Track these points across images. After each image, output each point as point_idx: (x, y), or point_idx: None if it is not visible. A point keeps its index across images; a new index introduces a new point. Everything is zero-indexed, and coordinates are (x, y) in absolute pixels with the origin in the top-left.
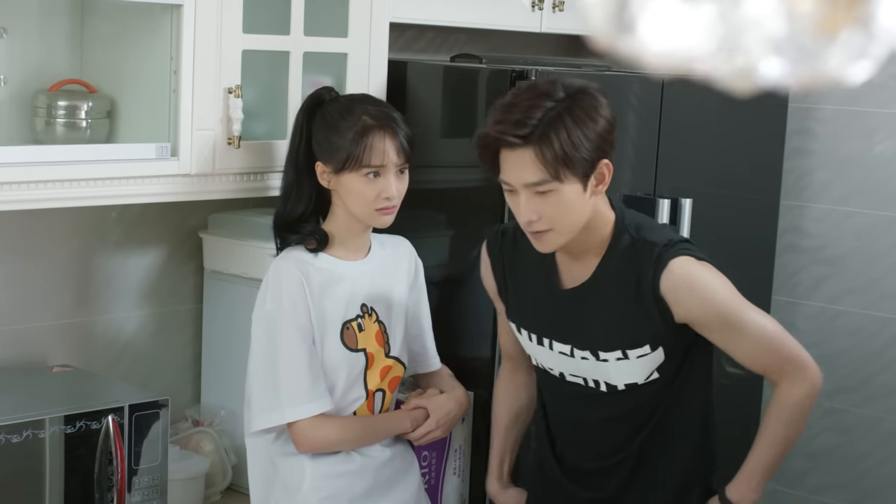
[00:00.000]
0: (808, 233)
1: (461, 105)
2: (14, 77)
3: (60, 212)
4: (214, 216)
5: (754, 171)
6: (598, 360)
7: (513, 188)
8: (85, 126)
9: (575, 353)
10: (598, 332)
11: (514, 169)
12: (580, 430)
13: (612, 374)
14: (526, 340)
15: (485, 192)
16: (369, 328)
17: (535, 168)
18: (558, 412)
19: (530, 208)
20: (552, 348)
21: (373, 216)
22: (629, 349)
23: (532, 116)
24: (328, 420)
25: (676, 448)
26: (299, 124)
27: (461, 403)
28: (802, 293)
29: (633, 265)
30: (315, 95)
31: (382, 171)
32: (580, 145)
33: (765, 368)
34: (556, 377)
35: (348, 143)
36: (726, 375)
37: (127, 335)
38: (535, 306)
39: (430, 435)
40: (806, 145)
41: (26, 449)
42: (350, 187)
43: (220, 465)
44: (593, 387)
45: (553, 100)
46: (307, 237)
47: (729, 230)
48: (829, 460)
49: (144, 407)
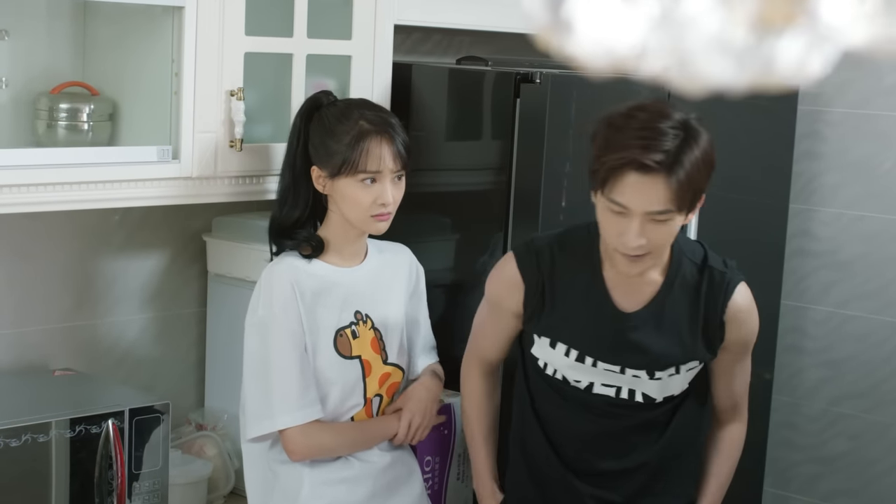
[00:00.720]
0: (817, 237)
1: (466, 108)
2: (16, 79)
3: (63, 214)
4: (218, 219)
5: (763, 174)
6: (651, 378)
7: (627, 211)
8: (87, 129)
9: (626, 371)
10: (657, 355)
11: (640, 195)
12: (594, 436)
13: (658, 388)
14: (558, 355)
15: (490, 196)
16: (364, 335)
17: (664, 197)
18: (565, 419)
19: (643, 234)
20: (595, 366)
21: (368, 222)
22: (682, 364)
23: (665, 142)
24: (319, 427)
25: (690, 458)
26: (297, 128)
27: (428, 386)
28: (811, 298)
29: (702, 290)
30: (313, 99)
31: (378, 177)
32: (701, 180)
33: (735, 403)
34: (579, 388)
35: (344, 147)
36: None
37: (130, 339)
38: (585, 326)
39: (413, 428)
40: (815, 149)
41: (26, 453)
42: (345, 192)
43: (223, 470)
44: (626, 398)
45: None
46: (302, 243)
47: (737, 234)
48: (839, 466)
49: (145, 411)
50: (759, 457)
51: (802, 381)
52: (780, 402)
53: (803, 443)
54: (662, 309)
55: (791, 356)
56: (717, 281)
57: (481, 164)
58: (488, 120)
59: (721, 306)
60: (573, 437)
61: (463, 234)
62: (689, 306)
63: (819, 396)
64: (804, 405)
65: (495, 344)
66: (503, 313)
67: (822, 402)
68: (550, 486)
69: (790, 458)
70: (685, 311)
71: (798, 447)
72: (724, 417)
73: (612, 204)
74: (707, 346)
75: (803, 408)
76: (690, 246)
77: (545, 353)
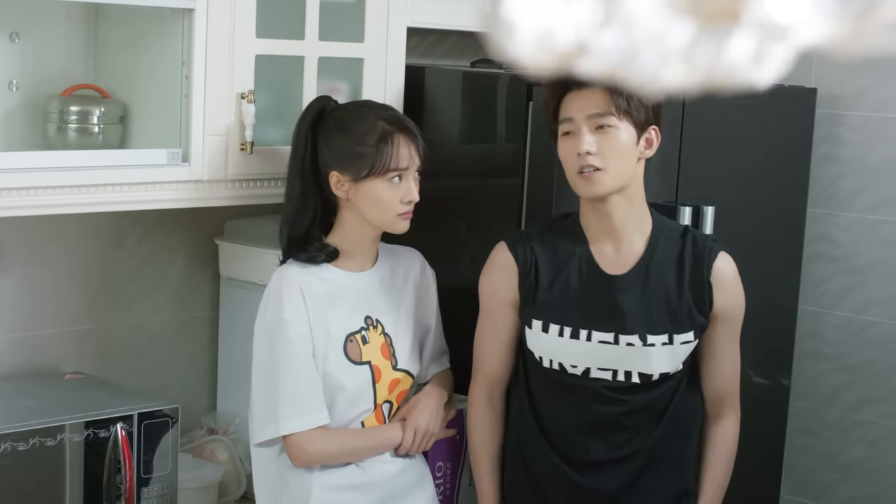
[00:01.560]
0: (836, 241)
1: (480, 111)
2: (26, 82)
3: (75, 217)
4: (230, 222)
5: (780, 178)
6: (644, 344)
7: (573, 124)
8: (97, 131)
9: (620, 339)
10: (648, 315)
11: (580, 101)
12: (592, 424)
13: (654, 361)
14: (552, 340)
15: (504, 200)
16: (374, 341)
17: (601, 100)
18: (563, 410)
19: (589, 140)
20: (590, 339)
21: (394, 222)
22: (675, 333)
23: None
24: (323, 433)
25: (686, 446)
26: (303, 135)
27: (433, 395)
28: (830, 303)
29: (686, 253)
30: (316, 105)
31: (405, 174)
32: (643, 97)
33: (726, 392)
34: (577, 375)
35: (371, 148)
36: (752, 385)
37: (142, 342)
38: (575, 297)
39: (418, 437)
40: (834, 152)
41: (34, 457)
42: (371, 193)
43: (234, 474)
44: (623, 380)
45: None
46: (315, 255)
47: (753, 239)
48: (857, 473)
49: (154, 415)
50: (776, 463)
51: (820, 386)
52: (797, 407)
53: (821, 449)
54: (647, 271)
55: (809, 361)
56: (699, 244)
57: (495, 167)
58: (502, 123)
59: (707, 267)
60: (571, 427)
61: (476, 238)
62: (674, 268)
63: (837, 402)
64: (822, 411)
65: (497, 353)
66: (499, 307)
67: (840, 408)
68: (546, 484)
69: (808, 465)
70: (671, 273)
71: (816, 453)
72: (716, 410)
73: (562, 125)
74: (698, 309)
75: (821, 414)
76: (671, 222)
77: (539, 340)
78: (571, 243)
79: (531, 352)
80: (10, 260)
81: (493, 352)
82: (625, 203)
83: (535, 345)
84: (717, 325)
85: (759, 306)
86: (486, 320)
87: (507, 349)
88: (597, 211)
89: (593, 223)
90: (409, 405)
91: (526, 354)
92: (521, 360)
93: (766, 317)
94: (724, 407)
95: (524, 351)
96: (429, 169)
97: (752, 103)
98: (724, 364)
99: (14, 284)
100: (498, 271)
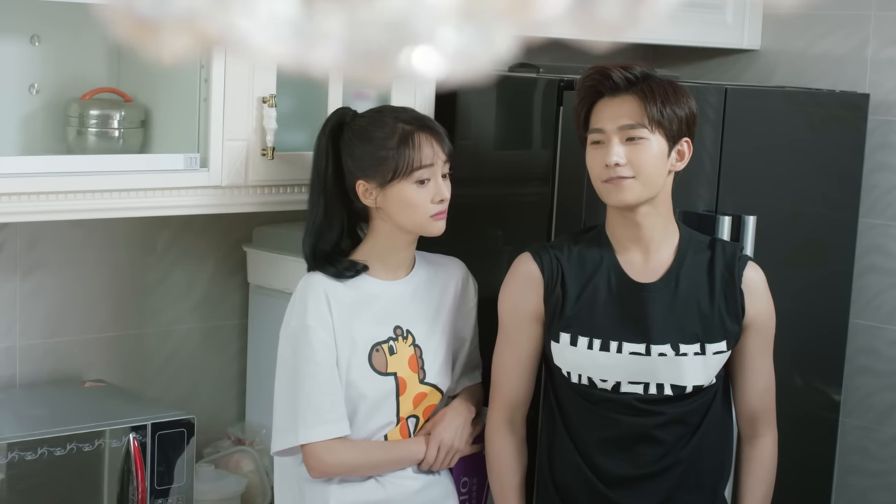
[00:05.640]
0: (891, 253)
1: (514, 117)
2: (47, 85)
3: (102, 223)
4: (258, 229)
5: (829, 186)
6: (677, 353)
7: (604, 134)
8: (118, 136)
9: (652, 350)
10: (679, 324)
11: (612, 110)
12: (626, 438)
13: (687, 372)
14: (580, 353)
15: (539, 207)
16: (402, 352)
17: (634, 110)
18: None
19: (619, 152)
20: (620, 350)
21: (427, 224)
22: (707, 343)
23: (635, 71)
24: (342, 444)
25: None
26: (323, 149)
27: (460, 410)
28: (884, 317)
29: (717, 258)
30: (335, 118)
31: (432, 173)
32: (676, 107)
33: (761, 409)
34: (606, 390)
35: (393, 151)
36: (801, 401)
37: (169, 350)
38: (605, 308)
39: (442, 453)
40: (889, 161)
41: (43, 467)
42: (400, 197)
43: (259, 486)
44: (655, 393)
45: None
46: (344, 272)
47: (798, 249)
48: None
49: (169, 426)
50: (826, 482)
51: (874, 403)
52: (849, 425)
53: (875, 469)
54: (677, 279)
55: (862, 378)
56: (728, 252)
57: (528, 174)
58: (537, 129)
59: (738, 274)
60: (604, 441)
61: (514, 245)
62: (705, 276)
63: (892, 420)
64: (876, 429)
65: (518, 375)
66: (522, 322)
67: (894, 427)
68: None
69: (860, 485)
70: (702, 281)
71: (869, 473)
72: (752, 430)
73: (592, 135)
74: (730, 317)
75: (875, 432)
76: (697, 233)
77: (567, 355)
78: (598, 253)
79: (558, 368)
80: (38, 265)
81: (514, 372)
82: (654, 213)
83: (563, 359)
84: (749, 336)
85: (806, 319)
86: (506, 338)
87: (530, 370)
88: (625, 219)
89: (620, 232)
90: (435, 419)
91: (553, 371)
92: (549, 378)
93: (814, 330)
94: (760, 426)
95: (551, 368)
96: (462, 175)
97: (797, 106)
98: (759, 379)
99: (39, 290)
100: (522, 283)
